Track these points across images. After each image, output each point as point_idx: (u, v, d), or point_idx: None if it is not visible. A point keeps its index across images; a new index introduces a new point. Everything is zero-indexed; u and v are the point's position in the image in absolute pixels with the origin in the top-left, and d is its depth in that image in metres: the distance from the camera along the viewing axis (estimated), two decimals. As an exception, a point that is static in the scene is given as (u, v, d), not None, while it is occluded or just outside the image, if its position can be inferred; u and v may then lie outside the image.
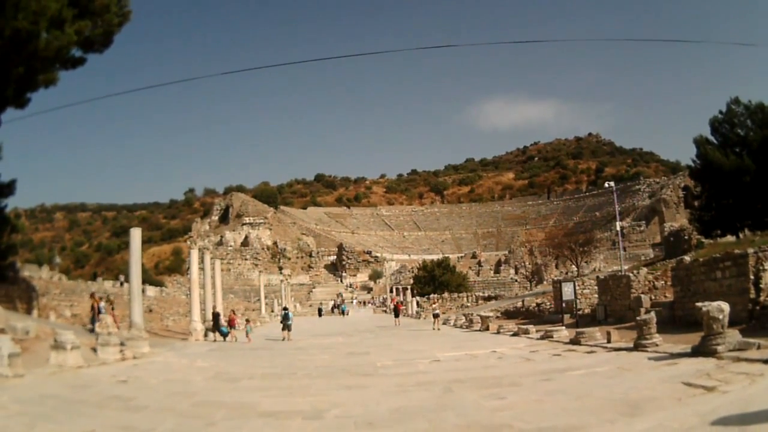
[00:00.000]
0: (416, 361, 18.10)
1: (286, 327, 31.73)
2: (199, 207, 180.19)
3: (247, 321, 35.29)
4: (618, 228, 55.62)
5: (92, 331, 25.16)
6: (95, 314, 27.75)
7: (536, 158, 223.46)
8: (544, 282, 76.58)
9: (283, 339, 31.18)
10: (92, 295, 31.90)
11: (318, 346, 26.75)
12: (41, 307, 36.35)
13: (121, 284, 55.76)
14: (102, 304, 29.23)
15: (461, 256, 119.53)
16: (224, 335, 31.45)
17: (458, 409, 9.81)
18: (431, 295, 71.11)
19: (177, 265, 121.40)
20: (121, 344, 22.47)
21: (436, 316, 40.27)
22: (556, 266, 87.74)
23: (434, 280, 78.24)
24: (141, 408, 11.19)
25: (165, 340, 30.27)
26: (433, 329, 36.56)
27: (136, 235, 25.52)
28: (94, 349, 21.06)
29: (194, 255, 38.27)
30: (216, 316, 33.04)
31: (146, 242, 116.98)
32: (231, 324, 32.16)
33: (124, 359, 20.86)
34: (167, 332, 36.05)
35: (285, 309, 35.77)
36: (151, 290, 57.56)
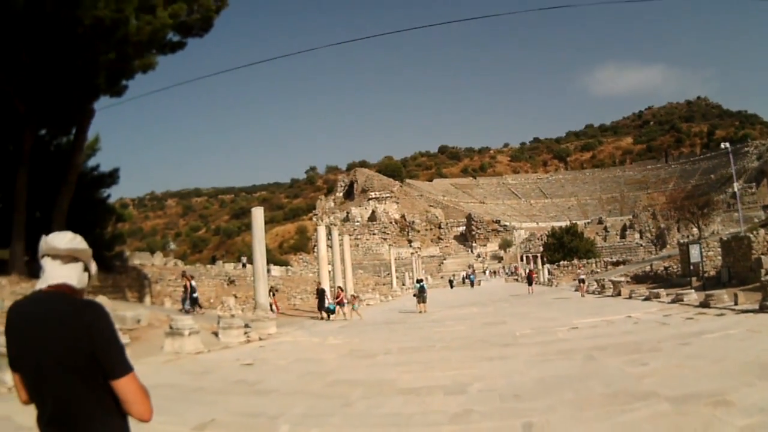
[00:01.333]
0: (555, 329, 17.70)
1: (422, 299, 31.32)
2: (322, 184, 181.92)
3: (354, 297, 34.26)
4: (736, 189, 52.70)
5: (186, 311, 25.06)
6: (188, 294, 27.67)
7: (651, 122, 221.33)
8: (668, 246, 77.98)
9: (419, 312, 30.80)
10: (183, 274, 31.83)
11: (453, 317, 26.26)
12: (155, 294, 36.63)
13: (243, 266, 56.38)
14: (193, 282, 28.90)
15: (587, 222, 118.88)
16: (330, 313, 30.60)
17: (602, 377, 9.60)
18: (560, 262, 71.76)
19: (302, 244, 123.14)
20: (246, 326, 22.03)
21: (581, 281, 39.02)
22: (678, 229, 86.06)
23: (563, 247, 78.87)
24: (269, 392, 10.32)
25: (293, 319, 30.05)
26: (582, 296, 35.31)
27: (258, 213, 25.06)
28: (216, 334, 20.65)
29: (321, 231, 37.90)
30: (321, 293, 32.18)
31: (269, 222, 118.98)
32: (339, 301, 31.47)
33: (249, 342, 20.24)
34: (295, 311, 35.96)
35: (420, 281, 35.52)
36: (277, 270, 57.30)
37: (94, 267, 2.94)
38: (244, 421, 8.04)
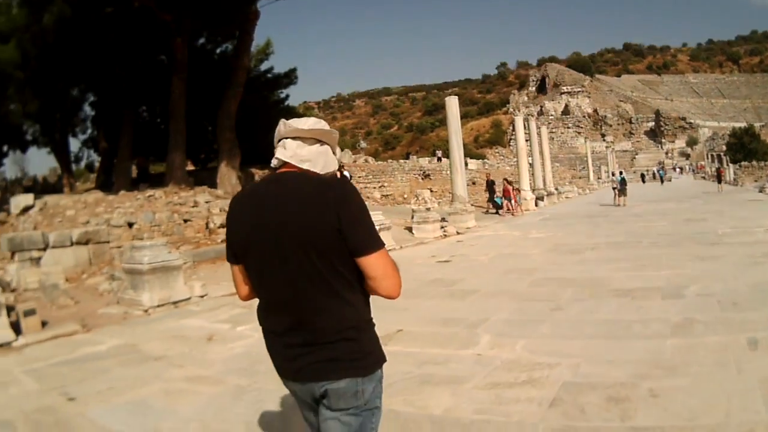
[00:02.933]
0: (752, 229, 16.23)
1: (622, 192, 31.35)
2: (514, 79, 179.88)
3: (518, 191, 33.44)
4: None
5: None
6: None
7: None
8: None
9: (618, 205, 30.68)
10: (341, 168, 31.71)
11: (653, 212, 25.48)
12: None
13: (438, 159, 57.11)
14: (346, 172, 28.60)
15: (762, 126, 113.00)
16: (498, 207, 30.33)
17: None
18: (742, 162, 70.75)
19: (497, 137, 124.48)
20: (443, 220, 21.52)
21: None
22: None
23: (743, 148, 79.52)
24: (468, 293, 9.50)
25: (491, 212, 30.02)
26: None
27: (452, 103, 24.37)
28: (410, 229, 20.21)
29: (518, 122, 37.45)
30: (491, 185, 31.75)
31: (463, 117, 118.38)
32: (506, 194, 30.53)
33: (445, 236, 19.74)
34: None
35: (621, 173, 35.27)
36: (473, 163, 57.49)
37: (339, 153, 2.83)
38: (437, 331, 7.22)
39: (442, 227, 20.43)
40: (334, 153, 2.74)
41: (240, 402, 5.20)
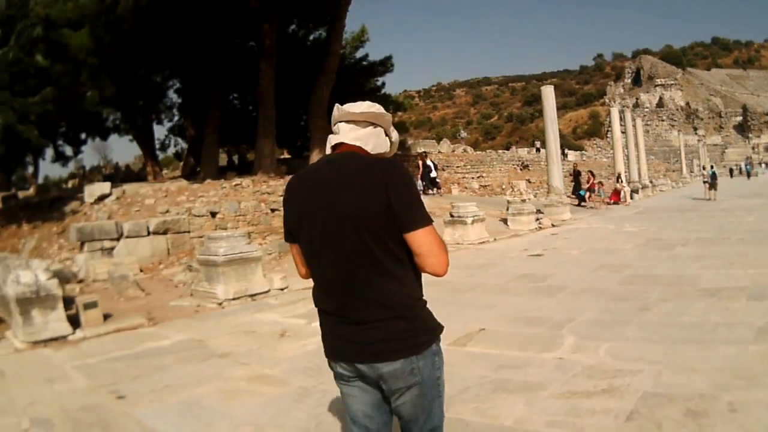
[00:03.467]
0: None
1: (713, 186, 31.97)
2: (610, 71, 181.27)
3: (600, 184, 34.85)
4: None
5: (422, 192, 24.95)
6: (422, 174, 28.09)
7: None
8: None
9: (708, 199, 31.39)
10: (420, 155, 31.78)
11: (741, 207, 25.26)
12: (442, 181, 37.19)
13: (537, 150, 56.78)
14: (429, 161, 29.37)
15: None
16: (581, 199, 30.40)
17: None
18: None
19: (595, 129, 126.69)
20: (539, 212, 21.33)
21: None
22: None
23: None
24: (557, 289, 9.30)
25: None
26: None
27: (548, 93, 24.66)
28: (505, 221, 19.90)
29: (614, 113, 37.79)
30: (577, 175, 31.80)
31: (561, 108, 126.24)
32: (590, 187, 31.28)
33: (540, 228, 19.52)
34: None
35: (712, 167, 37.52)
36: (572, 154, 57.90)
37: (395, 135, 2.92)
38: (519, 331, 6.99)
39: (537, 219, 20.12)
40: (388, 135, 2.84)
41: (301, 405, 5.09)
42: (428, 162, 29.22)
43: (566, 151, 55.11)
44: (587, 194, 30.71)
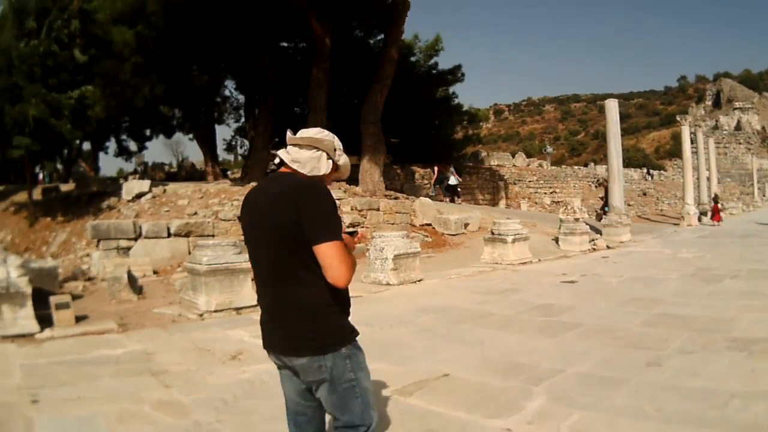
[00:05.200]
0: None
1: None
2: (693, 93, 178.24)
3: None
4: None
5: (429, 196, 25.14)
6: (436, 180, 28.54)
7: None
8: None
9: None
10: (439, 165, 30.25)
11: None
12: (511, 195, 36.51)
13: None
14: (451, 169, 29.18)
15: None
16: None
17: None
18: None
19: (677, 149, 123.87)
20: (598, 232, 20.06)
21: None
22: None
23: None
24: (567, 327, 7.72)
25: (654, 225, 28.87)
26: None
27: (612, 107, 22.94)
28: (556, 240, 18.23)
29: (685, 133, 35.43)
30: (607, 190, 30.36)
31: (645, 128, 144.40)
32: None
33: (594, 250, 17.80)
34: (660, 216, 35.37)
35: None
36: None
37: (342, 159, 3.07)
38: (486, 383, 5.55)
39: (592, 240, 18.32)
40: (332, 158, 2.99)
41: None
42: (451, 169, 28.93)
43: (650, 170, 54.25)
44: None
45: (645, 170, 57.34)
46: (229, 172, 39.68)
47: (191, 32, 19.04)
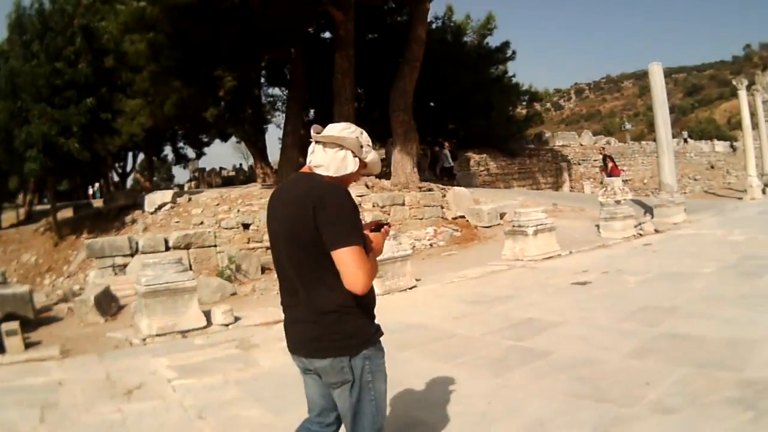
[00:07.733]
0: None
1: None
2: (758, 61, 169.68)
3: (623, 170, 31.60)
4: None
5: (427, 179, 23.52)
6: (430, 164, 27.68)
7: None
8: None
9: None
10: (432, 148, 29.76)
11: None
12: (576, 177, 34.63)
13: (685, 141, 52.28)
14: (446, 152, 28.11)
15: None
16: None
17: None
18: None
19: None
20: (647, 214, 17.94)
21: None
22: None
23: None
24: (533, 356, 5.96)
25: (716, 201, 26.41)
26: None
27: (656, 72, 19.89)
28: (597, 227, 16.13)
29: (742, 98, 32.46)
30: (605, 160, 28.70)
31: (717, 98, 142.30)
32: (613, 172, 26.81)
33: (639, 236, 15.39)
34: (727, 190, 32.58)
35: None
36: (720, 145, 52.03)
37: (371, 155, 2.94)
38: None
39: (638, 224, 16.10)
40: (358, 155, 2.87)
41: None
42: (445, 152, 27.62)
43: (714, 142, 52.01)
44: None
45: (712, 142, 53.70)
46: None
47: (204, 33, 17.76)
